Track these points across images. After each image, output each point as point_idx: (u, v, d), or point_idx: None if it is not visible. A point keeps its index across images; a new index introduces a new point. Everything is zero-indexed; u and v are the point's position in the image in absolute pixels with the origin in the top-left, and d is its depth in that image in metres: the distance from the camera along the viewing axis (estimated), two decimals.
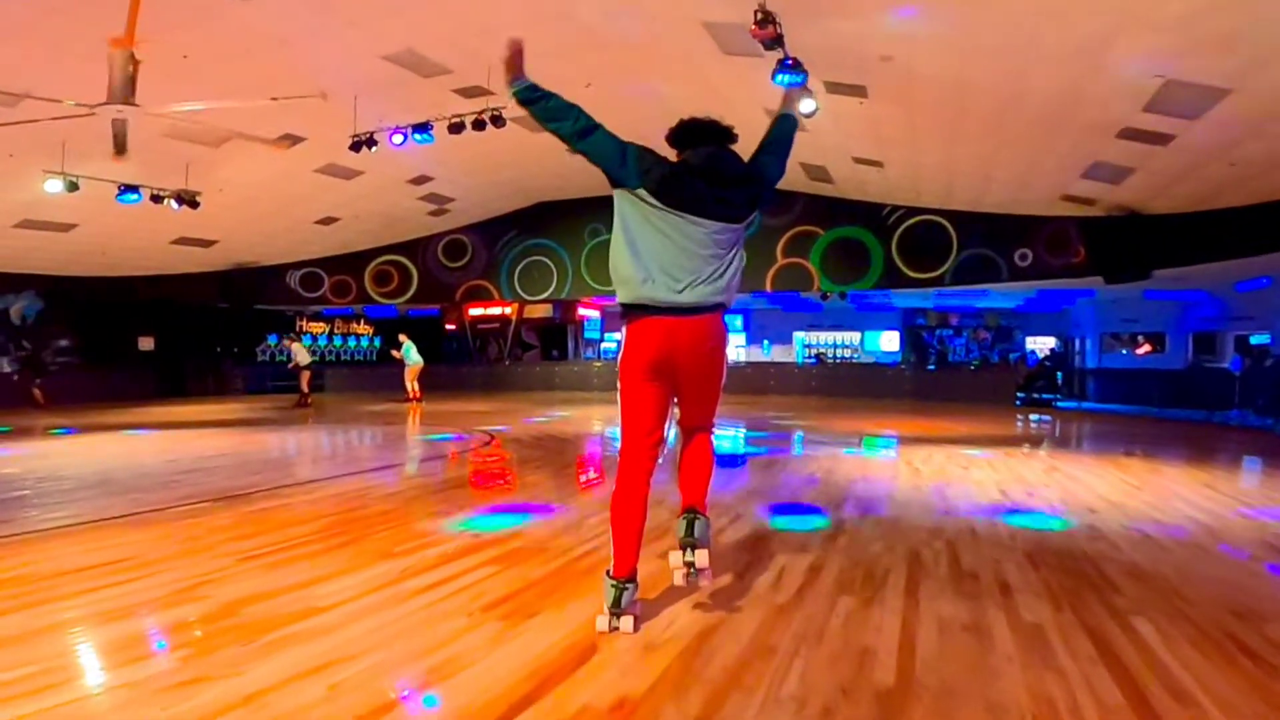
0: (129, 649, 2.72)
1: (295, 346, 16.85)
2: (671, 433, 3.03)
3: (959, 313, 25.78)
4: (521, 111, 2.90)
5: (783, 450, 8.83)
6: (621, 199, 2.82)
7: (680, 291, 2.76)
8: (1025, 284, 16.73)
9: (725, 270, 2.84)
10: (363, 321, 24.77)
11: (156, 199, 13.10)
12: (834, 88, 10.15)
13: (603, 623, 2.84)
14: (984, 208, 15.93)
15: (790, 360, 25.18)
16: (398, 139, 11.48)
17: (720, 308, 2.86)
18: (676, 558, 2.84)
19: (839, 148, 13.51)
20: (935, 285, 17.21)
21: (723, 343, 2.93)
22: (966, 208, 16.15)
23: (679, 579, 2.86)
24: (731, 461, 7.86)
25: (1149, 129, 9.70)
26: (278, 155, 13.71)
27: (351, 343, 24.47)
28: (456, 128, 11.18)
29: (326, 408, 15.68)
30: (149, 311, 18.63)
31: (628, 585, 2.85)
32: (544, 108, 2.80)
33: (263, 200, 15.66)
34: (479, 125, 11.04)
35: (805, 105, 9.13)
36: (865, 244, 17.43)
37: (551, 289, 19.82)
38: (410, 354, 15.99)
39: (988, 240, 16.23)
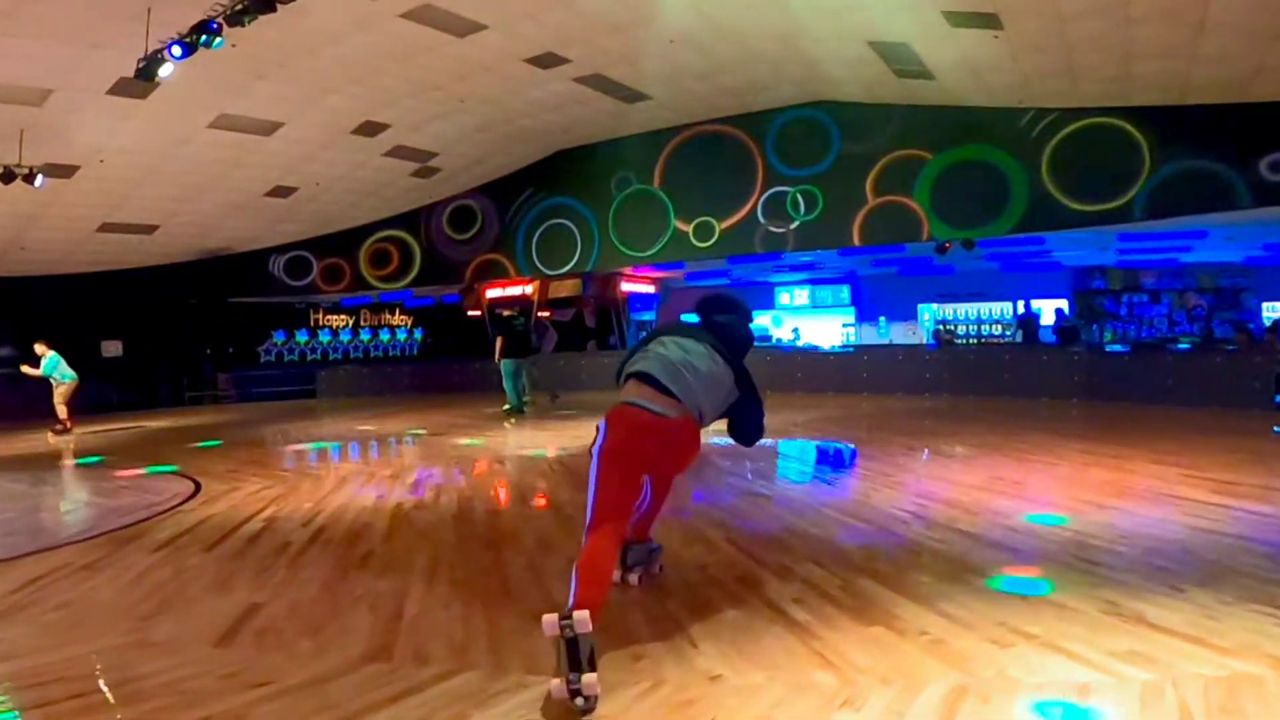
0: None
1: None
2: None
3: (1155, 269, 18.59)
4: None
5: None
6: None
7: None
8: None
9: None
10: (398, 311, 21.61)
11: None
12: None
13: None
14: (1191, 96, 9.73)
15: (918, 342, 19.18)
16: (177, 51, 7.57)
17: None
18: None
19: None
20: (1116, 221, 11.08)
21: None
22: (1161, 100, 10.00)
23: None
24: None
25: None
26: (134, 111, 10.31)
27: (384, 335, 21.39)
28: (236, 17, 7.05)
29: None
30: (115, 313, 16.14)
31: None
32: None
33: (167, 171, 12.36)
34: (264, 5, 6.81)
35: None
36: (998, 168, 11.59)
37: (575, 260, 15.41)
38: (56, 368, 11.57)
39: (1204, 146, 10.00)
